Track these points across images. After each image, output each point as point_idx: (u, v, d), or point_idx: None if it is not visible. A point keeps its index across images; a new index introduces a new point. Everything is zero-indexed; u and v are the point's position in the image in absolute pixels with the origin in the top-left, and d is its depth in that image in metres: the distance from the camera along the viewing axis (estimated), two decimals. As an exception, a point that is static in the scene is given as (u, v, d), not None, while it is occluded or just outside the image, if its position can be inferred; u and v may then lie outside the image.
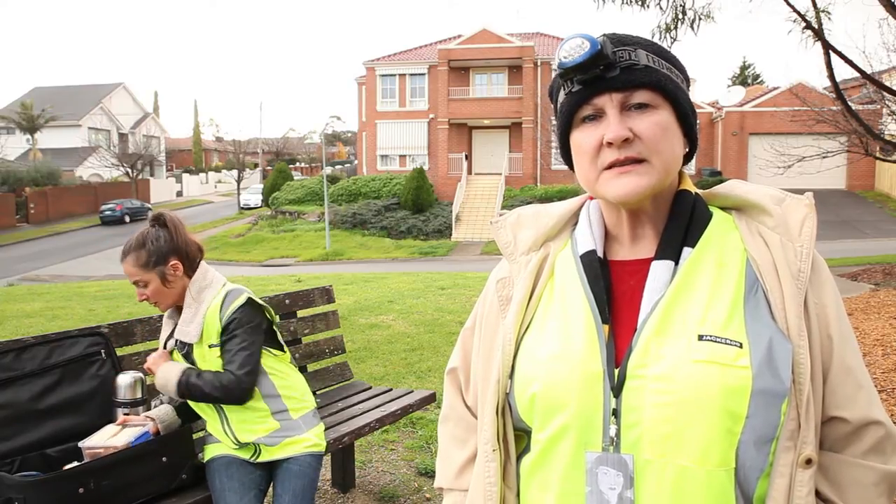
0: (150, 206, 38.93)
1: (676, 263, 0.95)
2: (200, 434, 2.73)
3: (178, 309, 2.37)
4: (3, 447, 2.12)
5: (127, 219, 35.75)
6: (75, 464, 2.11)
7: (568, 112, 0.98)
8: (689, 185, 1.02)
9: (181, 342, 2.32)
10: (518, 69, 31.64)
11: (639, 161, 0.93)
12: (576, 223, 1.09)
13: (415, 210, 27.96)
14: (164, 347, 2.38)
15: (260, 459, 2.32)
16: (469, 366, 1.18)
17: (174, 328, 2.37)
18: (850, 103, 9.94)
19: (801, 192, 1.02)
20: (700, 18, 8.26)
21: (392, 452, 3.78)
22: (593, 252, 1.01)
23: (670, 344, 0.90)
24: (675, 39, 8.32)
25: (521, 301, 1.04)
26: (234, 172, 41.84)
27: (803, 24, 7.73)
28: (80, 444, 2.16)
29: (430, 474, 3.49)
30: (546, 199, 28.19)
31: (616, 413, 0.91)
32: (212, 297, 2.32)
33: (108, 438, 2.15)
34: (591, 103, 0.95)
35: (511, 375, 1.01)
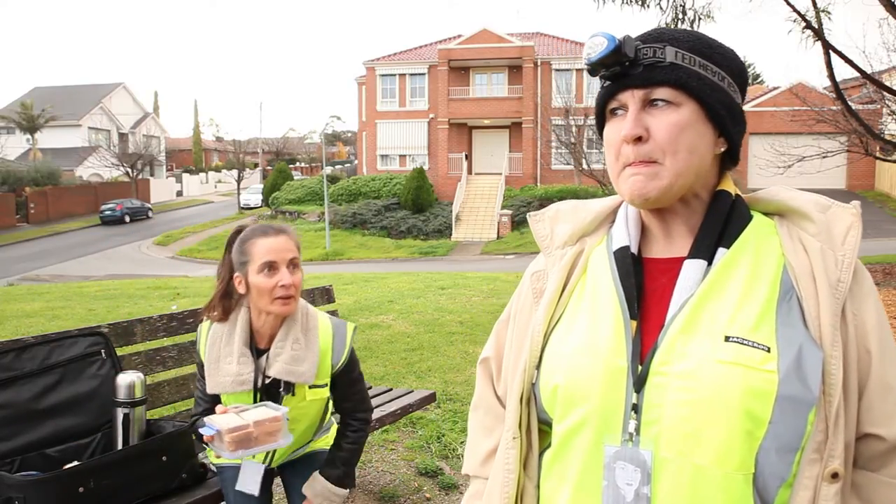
0: (149, 205, 38.93)
1: (710, 264, 0.95)
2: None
3: (247, 334, 2.04)
4: (3, 447, 2.11)
5: (127, 219, 35.74)
6: (75, 463, 2.11)
7: (598, 105, 1.01)
8: (730, 186, 1.01)
9: (285, 383, 2.00)
10: (518, 69, 31.62)
11: (651, 162, 0.93)
12: (614, 220, 1.09)
13: (415, 210, 27.96)
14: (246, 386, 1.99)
15: (273, 465, 2.21)
16: (501, 356, 1.19)
17: (254, 366, 2.01)
18: (850, 103, 9.94)
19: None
20: (700, 18, 8.26)
21: (392, 452, 3.78)
22: (626, 248, 1.02)
23: (696, 343, 0.90)
24: (675, 39, 8.33)
25: (553, 293, 1.05)
26: (234, 172, 41.83)
27: (803, 24, 7.73)
28: (221, 426, 1.74)
29: (429, 474, 3.49)
30: (546, 198, 28.14)
31: (637, 408, 0.91)
32: (316, 329, 2.08)
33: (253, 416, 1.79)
34: (616, 98, 0.97)
35: (538, 367, 1.02)
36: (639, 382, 0.91)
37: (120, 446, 2.23)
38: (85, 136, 45.66)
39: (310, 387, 2.04)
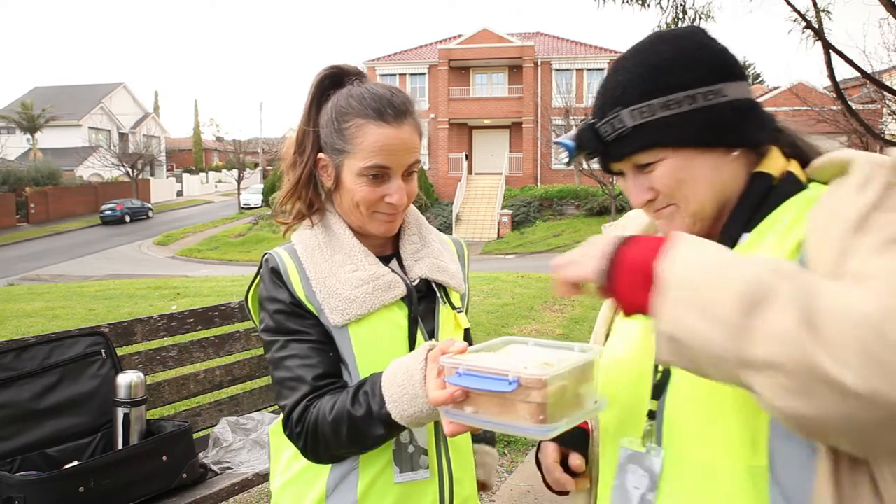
0: (150, 205, 38.95)
1: None
2: (201, 434, 2.73)
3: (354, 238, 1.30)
4: (3, 447, 2.12)
5: (127, 218, 35.74)
6: (75, 463, 2.12)
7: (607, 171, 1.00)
8: (771, 166, 0.93)
9: (436, 284, 1.33)
10: (518, 69, 31.63)
11: (668, 205, 0.94)
12: None
13: (415, 210, 28.00)
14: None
15: None
16: None
17: (378, 267, 1.27)
18: (850, 103, 9.94)
19: None
20: (700, 18, 8.26)
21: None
22: None
23: None
24: (675, 39, 8.33)
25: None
26: (235, 172, 41.84)
27: (804, 24, 7.73)
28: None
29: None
30: (546, 198, 28.15)
31: (652, 414, 0.91)
32: (438, 237, 1.47)
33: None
34: (613, 168, 0.97)
35: None
36: (657, 388, 0.90)
37: (120, 446, 2.23)
38: (85, 136, 45.67)
39: (455, 308, 1.37)
